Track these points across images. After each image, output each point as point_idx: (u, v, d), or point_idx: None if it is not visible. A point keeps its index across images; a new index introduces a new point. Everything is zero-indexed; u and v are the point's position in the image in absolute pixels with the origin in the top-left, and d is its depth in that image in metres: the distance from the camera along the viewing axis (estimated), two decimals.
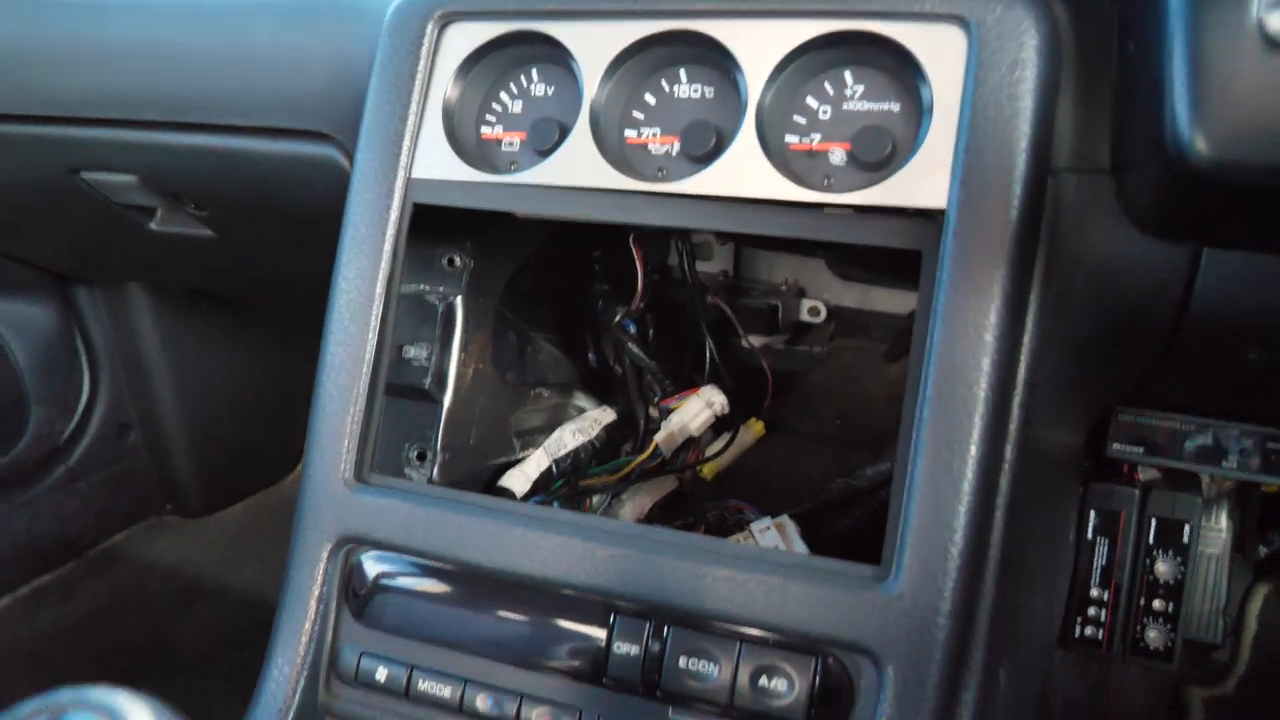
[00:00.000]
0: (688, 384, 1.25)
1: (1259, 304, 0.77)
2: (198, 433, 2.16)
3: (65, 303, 1.99)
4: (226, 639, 1.88)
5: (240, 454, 2.27)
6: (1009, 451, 0.79)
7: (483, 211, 0.99)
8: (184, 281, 1.94)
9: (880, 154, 0.81)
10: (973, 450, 0.75)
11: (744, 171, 0.84)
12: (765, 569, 0.80)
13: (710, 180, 0.85)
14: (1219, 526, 1.39)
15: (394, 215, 0.94)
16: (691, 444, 1.23)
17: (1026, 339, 0.79)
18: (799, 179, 0.83)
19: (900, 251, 0.83)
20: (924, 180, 0.79)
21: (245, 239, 1.43)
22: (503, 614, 0.88)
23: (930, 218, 0.79)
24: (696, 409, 1.21)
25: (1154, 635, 1.22)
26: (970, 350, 0.75)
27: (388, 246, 0.94)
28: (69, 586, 2.03)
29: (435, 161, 0.94)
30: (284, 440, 2.28)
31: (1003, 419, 0.77)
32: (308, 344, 1.01)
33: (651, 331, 1.31)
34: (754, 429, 1.30)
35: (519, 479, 1.12)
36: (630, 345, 1.25)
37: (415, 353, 1.02)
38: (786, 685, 0.79)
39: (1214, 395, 1.09)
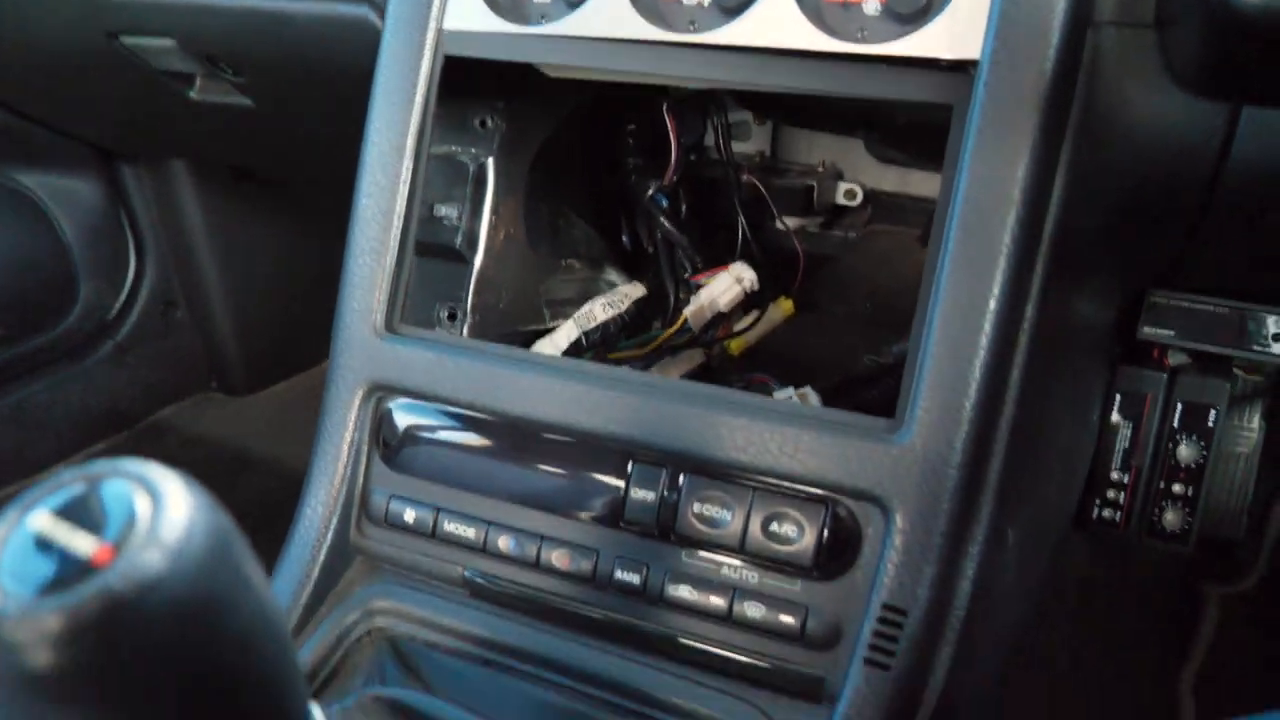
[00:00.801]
0: (719, 264, 1.25)
1: None
2: (242, 312, 2.20)
3: (110, 179, 2.02)
4: (273, 507, 1.95)
5: (284, 334, 2.31)
6: (1030, 310, 0.78)
7: (515, 71, 0.99)
8: (226, 156, 1.96)
9: (916, 4, 0.79)
10: (992, 305, 0.75)
11: (776, 22, 0.83)
12: (780, 419, 0.81)
13: (741, 31, 0.84)
14: (1251, 426, 1.38)
15: (425, 67, 0.94)
16: (720, 320, 1.24)
17: (1055, 196, 0.78)
18: (832, 30, 0.82)
19: (938, 125, 0.81)
20: (959, 30, 0.77)
21: (283, 108, 1.44)
22: (525, 460, 0.91)
23: (964, 70, 0.78)
24: (726, 284, 1.22)
25: (1171, 518, 1.23)
26: (996, 204, 0.75)
27: (419, 99, 0.95)
28: (120, 455, 2.11)
29: (466, 13, 0.94)
30: (327, 322, 2.32)
31: (1025, 276, 0.77)
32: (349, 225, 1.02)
33: (684, 207, 1.31)
34: (783, 307, 1.30)
35: (548, 348, 1.14)
36: (662, 219, 1.26)
37: (446, 211, 1.04)
38: (796, 531, 0.81)
39: (1249, 275, 1.07)
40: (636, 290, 1.26)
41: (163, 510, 0.41)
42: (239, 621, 0.43)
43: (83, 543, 0.41)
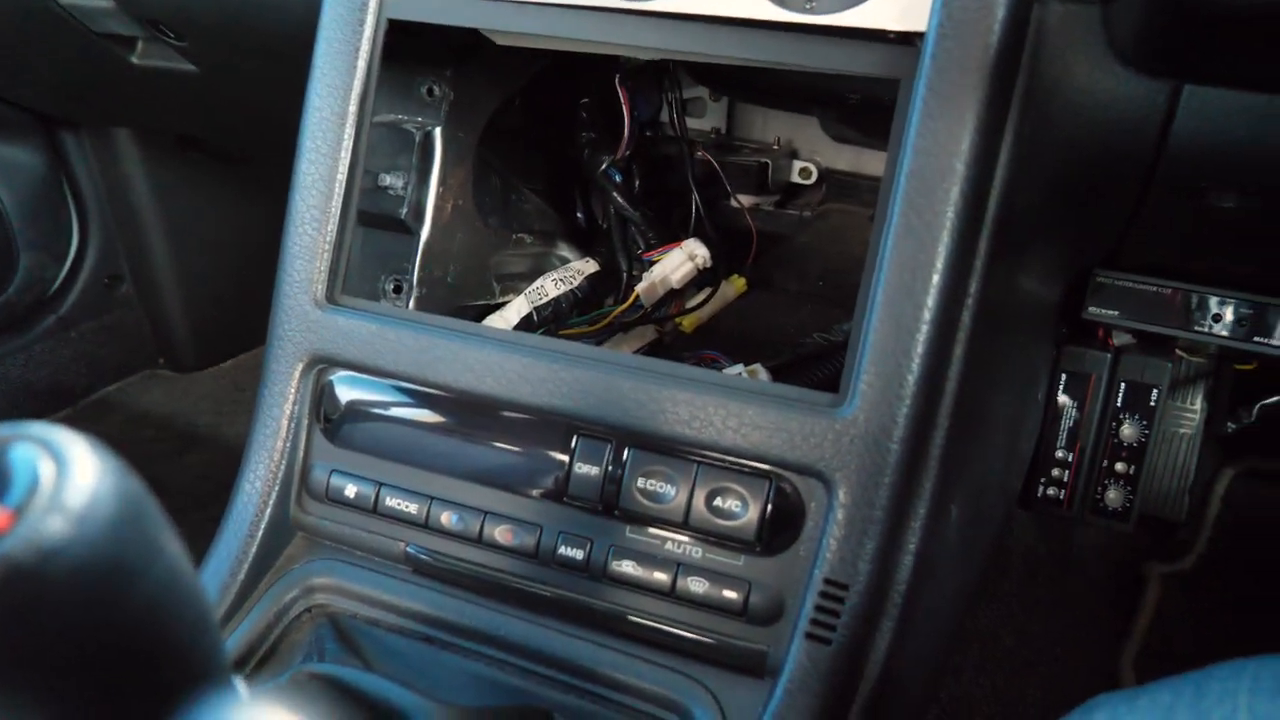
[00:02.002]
0: (673, 240, 1.24)
1: (1236, 143, 0.76)
2: (190, 286, 2.16)
3: (52, 148, 1.96)
4: (219, 484, 1.92)
5: (232, 310, 2.27)
6: (974, 285, 0.78)
7: (462, 38, 0.97)
8: (171, 125, 1.91)
9: None
10: (935, 279, 0.75)
11: None
12: (724, 393, 0.81)
13: None
14: (1193, 408, 1.41)
15: (368, 30, 0.92)
16: (673, 296, 1.23)
17: (999, 170, 0.78)
18: (780, 0, 0.81)
19: (892, 104, 0.81)
20: (906, 2, 0.76)
21: (228, 74, 1.40)
22: (469, 435, 0.90)
23: (911, 44, 0.78)
24: (678, 261, 1.21)
25: (1114, 496, 1.24)
26: (940, 177, 0.74)
27: (360, 64, 0.92)
28: None
29: None
30: None
31: (969, 250, 0.77)
32: None
33: (638, 183, 1.30)
34: (736, 284, 1.30)
35: (499, 323, 1.13)
36: (614, 194, 1.24)
37: (392, 181, 1.02)
38: (740, 506, 0.81)
39: (1192, 255, 1.08)
40: (589, 266, 1.25)
41: (67, 475, 0.40)
42: (149, 590, 0.41)
43: None
